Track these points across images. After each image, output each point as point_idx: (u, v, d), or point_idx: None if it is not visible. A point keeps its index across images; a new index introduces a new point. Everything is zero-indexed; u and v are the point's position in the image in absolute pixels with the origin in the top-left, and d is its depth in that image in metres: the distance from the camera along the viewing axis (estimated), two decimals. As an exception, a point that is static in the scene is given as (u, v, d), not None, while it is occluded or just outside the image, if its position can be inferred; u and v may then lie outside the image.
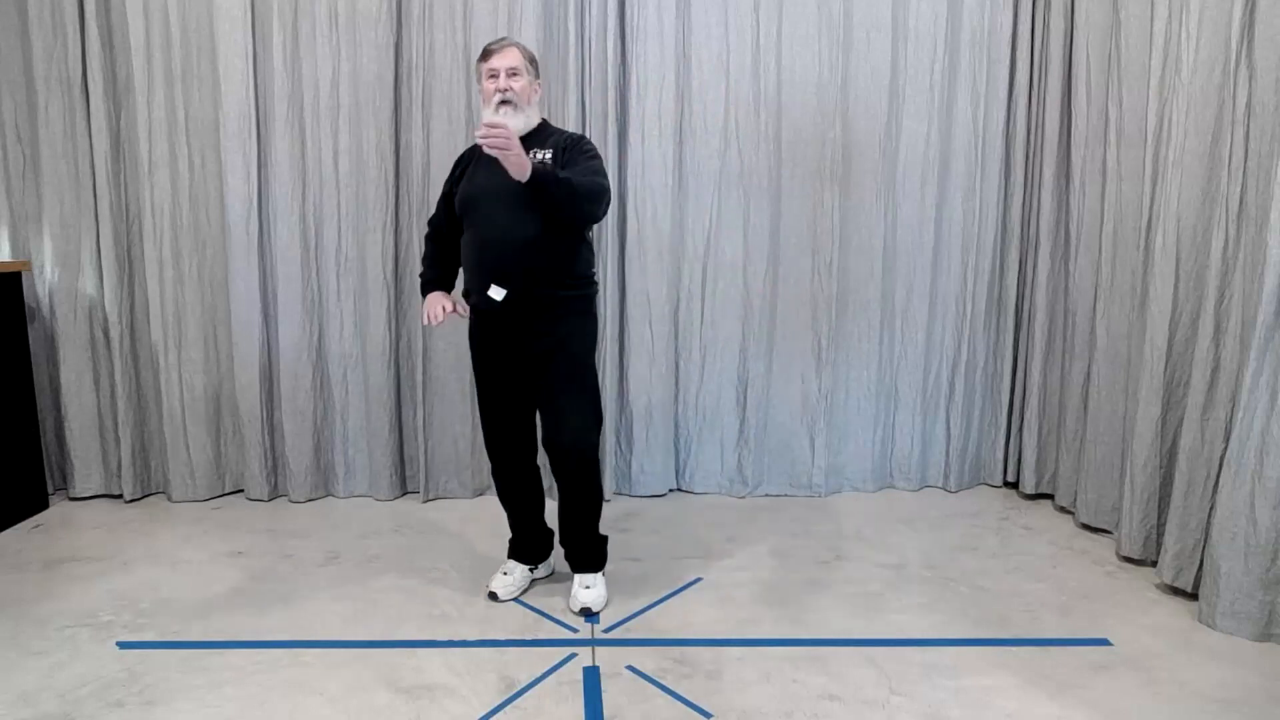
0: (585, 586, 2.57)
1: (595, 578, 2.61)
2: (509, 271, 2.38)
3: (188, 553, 2.99)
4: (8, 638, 2.39)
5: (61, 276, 3.40)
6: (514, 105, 2.40)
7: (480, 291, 2.42)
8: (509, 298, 2.38)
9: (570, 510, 2.56)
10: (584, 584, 2.58)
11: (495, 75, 2.41)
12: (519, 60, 2.42)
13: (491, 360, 2.53)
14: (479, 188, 2.42)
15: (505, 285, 2.39)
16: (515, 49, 2.44)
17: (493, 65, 2.41)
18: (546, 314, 2.43)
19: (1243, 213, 2.54)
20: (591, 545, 2.61)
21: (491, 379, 2.55)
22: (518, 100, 2.40)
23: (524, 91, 2.42)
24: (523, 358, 2.48)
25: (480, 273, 2.43)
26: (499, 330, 2.47)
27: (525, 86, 2.43)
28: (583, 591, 2.56)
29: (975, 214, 3.56)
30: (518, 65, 2.41)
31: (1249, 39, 2.50)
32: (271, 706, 2.07)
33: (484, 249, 2.42)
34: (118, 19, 3.28)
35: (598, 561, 2.63)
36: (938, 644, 2.37)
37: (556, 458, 2.47)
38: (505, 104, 2.39)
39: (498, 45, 2.45)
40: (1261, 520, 2.35)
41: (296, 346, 3.43)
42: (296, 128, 3.35)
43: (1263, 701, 2.10)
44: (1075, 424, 3.33)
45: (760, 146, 3.47)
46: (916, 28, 3.45)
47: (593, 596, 2.56)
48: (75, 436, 3.45)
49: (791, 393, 3.60)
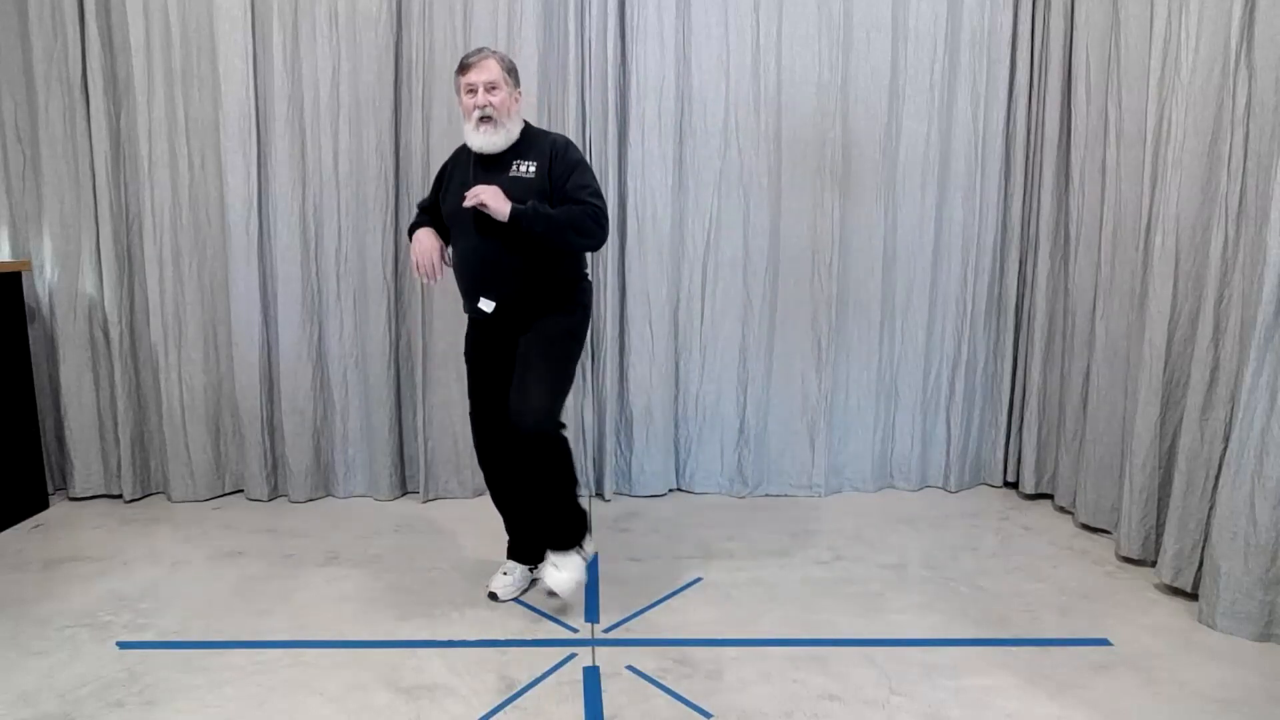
0: (553, 565, 2.44)
1: (566, 558, 2.44)
2: (497, 283, 2.40)
3: (188, 553, 2.98)
4: (8, 638, 2.39)
5: (61, 276, 3.40)
6: (494, 121, 2.38)
7: (471, 303, 2.46)
8: (499, 309, 2.41)
9: (532, 487, 2.44)
10: (552, 562, 2.44)
11: (474, 90, 2.37)
12: (497, 74, 2.38)
13: (483, 364, 2.54)
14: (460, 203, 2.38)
15: (494, 297, 2.41)
16: (492, 61, 2.40)
17: (470, 80, 2.38)
18: (535, 315, 2.45)
19: (1242, 213, 2.54)
20: (558, 519, 2.44)
21: (482, 383, 2.55)
22: (497, 115, 2.38)
23: (503, 105, 2.38)
24: (510, 357, 2.48)
25: (470, 284, 2.46)
26: (491, 335, 2.50)
27: (505, 99, 2.39)
28: (551, 570, 2.42)
29: (975, 214, 3.56)
30: (495, 79, 2.37)
31: (1249, 39, 2.50)
32: (271, 706, 2.07)
33: (472, 261, 2.43)
34: (118, 19, 3.28)
35: (565, 537, 2.44)
36: (938, 644, 2.37)
37: (516, 432, 2.34)
38: (485, 120, 2.37)
39: (475, 59, 2.40)
40: (1261, 520, 2.35)
41: (296, 346, 3.43)
42: (296, 128, 3.35)
43: (1263, 701, 2.10)
44: (1075, 424, 3.33)
45: (760, 146, 3.47)
46: (916, 28, 3.45)
47: (561, 579, 2.41)
48: (75, 436, 3.45)
49: (791, 393, 3.60)
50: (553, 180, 2.39)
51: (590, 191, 2.39)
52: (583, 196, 2.37)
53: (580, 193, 2.37)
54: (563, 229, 2.32)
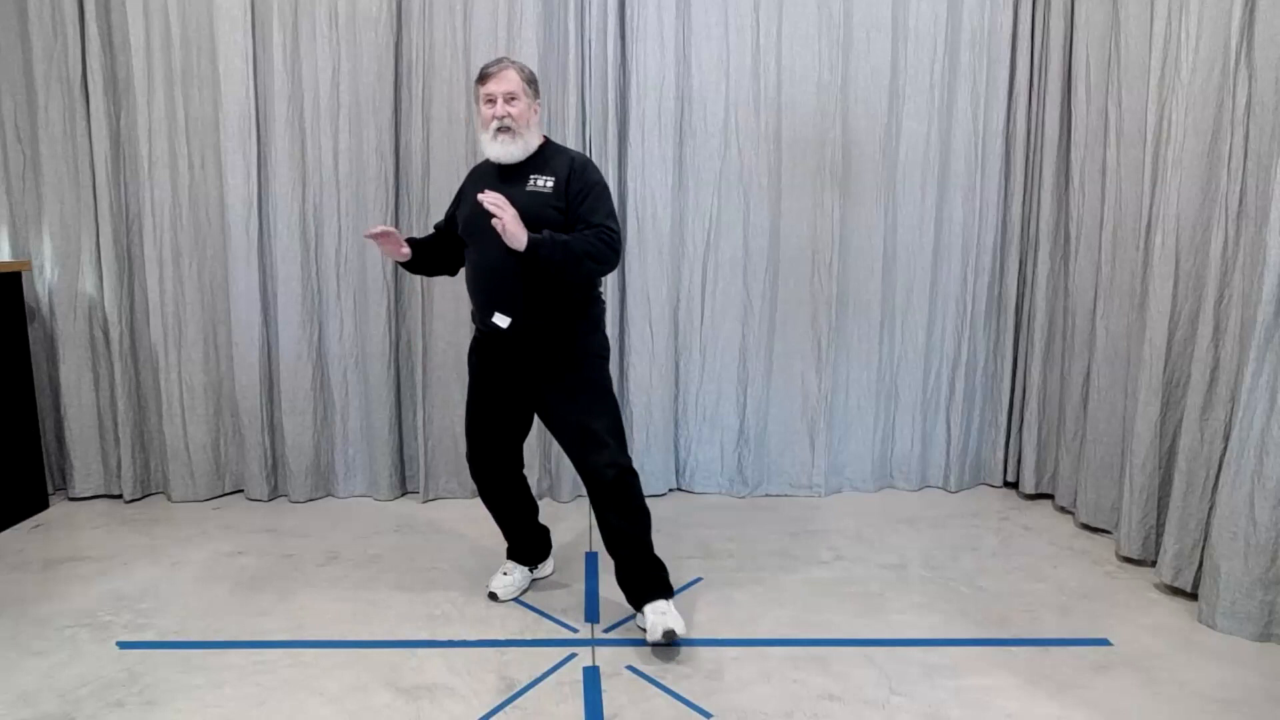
0: (660, 612, 2.33)
1: (668, 604, 2.37)
2: (511, 297, 2.32)
3: (188, 553, 2.99)
4: (8, 638, 2.39)
5: (61, 276, 3.40)
6: (512, 132, 2.32)
7: (484, 318, 2.38)
8: (514, 324, 2.32)
9: (622, 537, 2.38)
10: (658, 610, 2.34)
11: (493, 101, 2.32)
12: (517, 84, 2.34)
13: (491, 380, 2.47)
14: (476, 215, 2.32)
15: (508, 312, 2.33)
16: (512, 71, 2.35)
17: (489, 90, 2.33)
18: (552, 336, 2.37)
19: (1242, 213, 2.54)
20: (654, 569, 2.41)
21: (487, 397, 2.49)
22: (516, 126, 2.32)
23: (522, 116, 2.33)
24: (525, 379, 2.42)
25: (485, 299, 2.38)
26: (503, 353, 2.41)
27: (524, 110, 2.34)
28: (659, 618, 2.30)
29: (975, 214, 3.56)
30: (515, 89, 2.32)
31: (1249, 39, 2.50)
32: (271, 706, 2.07)
33: (485, 275, 2.36)
34: (118, 19, 3.28)
35: (666, 588, 2.41)
36: (938, 644, 2.37)
37: (599, 485, 2.33)
38: (503, 131, 2.32)
39: (495, 69, 2.35)
40: (1261, 520, 2.35)
41: (296, 346, 3.43)
42: (296, 128, 3.35)
43: (1263, 701, 2.10)
44: (1075, 424, 3.33)
45: (760, 147, 3.47)
46: (916, 28, 3.45)
47: (674, 619, 2.31)
48: (75, 436, 3.45)
49: (791, 393, 3.60)
50: (569, 197, 2.33)
51: (604, 213, 2.33)
52: (596, 219, 2.30)
53: (594, 215, 2.31)
54: (579, 259, 2.24)
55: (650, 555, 2.41)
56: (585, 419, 2.36)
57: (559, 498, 3.53)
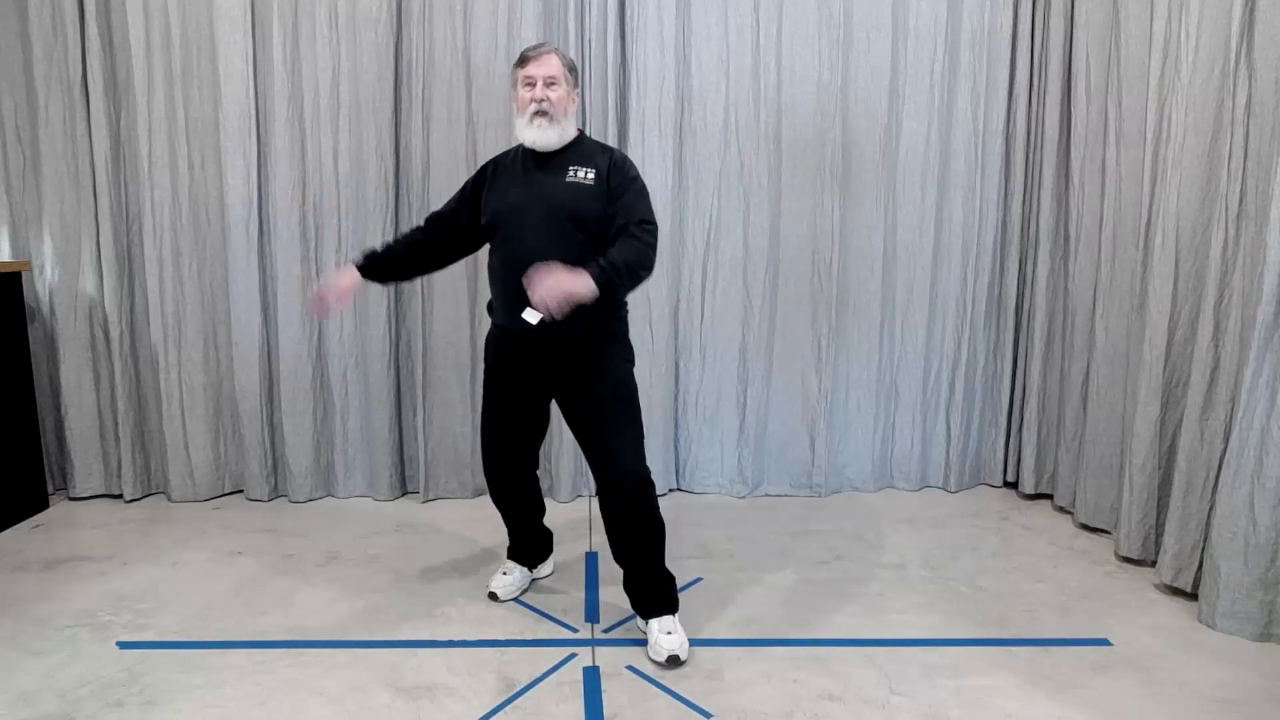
0: (667, 632, 2.29)
1: (674, 621, 2.34)
2: None
3: (188, 553, 2.99)
4: (8, 638, 2.39)
5: (61, 276, 3.40)
6: (549, 116, 2.27)
7: (511, 314, 2.28)
8: (544, 322, 2.18)
9: (635, 548, 2.33)
10: (664, 629, 2.30)
11: (532, 84, 2.28)
12: (558, 69, 2.30)
13: (511, 380, 2.41)
14: (511, 204, 2.29)
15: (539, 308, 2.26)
16: (554, 56, 2.31)
17: (530, 73, 2.29)
18: (580, 338, 2.29)
19: (1242, 212, 2.54)
20: (664, 583, 2.36)
21: (506, 398, 2.44)
22: (554, 111, 2.27)
23: (560, 102, 2.29)
24: (548, 382, 2.38)
25: (513, 294, 2.24)
26: (526, 352, 2.35)
27: (563, 97, 2.30)
28: (665, 637, 2.27)
29: (975, 214, 3.56)
30: (556, 74, 2.29)
31: (1249, 39, 2.50)
32: (271, 706, 2.07)
33: (516, 269, 2.21)
34: (118, 19, 3.28)
35: (673, 602, 2.36)
36: (938, 644, 2.38)
37: (616, 494, 2.28)
38: (540, 115, 2.27)
39: (536, 52, 2.31)
40: (1261, 520, 2.35)
41: (296, 346, 3.43)
42: (296, 128, 3.35)
43: (1263, 701, 2.10)
44: (1074, 424, 3.33)
45: (760, 146, 3.47)
46: (916, 28, 3.45)
47: (678, 641, 2.28)
48: (75, 436, 3.45)
49: (791, 393, 3.60)
50: (610, 191, 2.28)
51: (644, 209, 2.27)
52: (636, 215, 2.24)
53: (633, 212, 2.24)
54: (636, 273, 2.18)
55: (661, 569, 2.36)
56: (609, 426, 2.31)
57: (559, 498, 3.53)
